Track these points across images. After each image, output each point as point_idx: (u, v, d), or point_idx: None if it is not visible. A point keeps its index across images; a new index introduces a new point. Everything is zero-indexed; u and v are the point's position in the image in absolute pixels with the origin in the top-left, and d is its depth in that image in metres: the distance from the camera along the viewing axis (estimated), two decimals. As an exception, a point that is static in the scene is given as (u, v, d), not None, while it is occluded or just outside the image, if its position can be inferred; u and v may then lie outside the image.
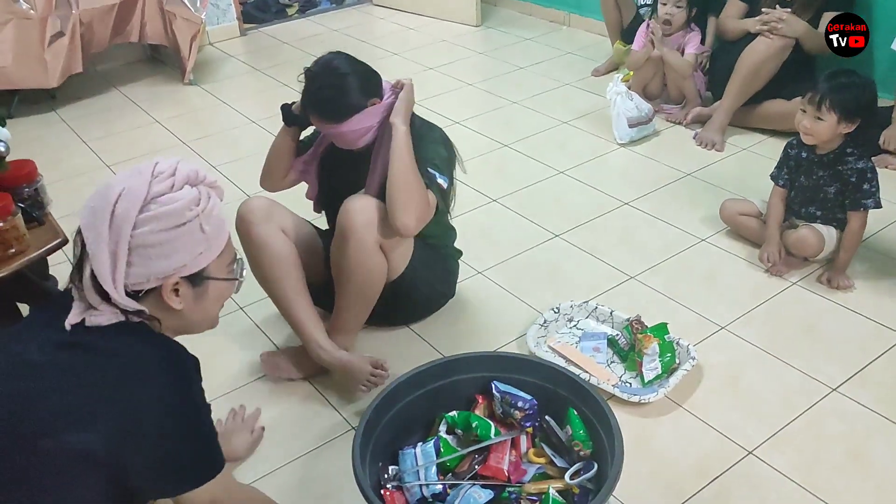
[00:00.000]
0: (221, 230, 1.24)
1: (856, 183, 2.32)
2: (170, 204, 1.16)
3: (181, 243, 1.17)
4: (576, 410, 1.69)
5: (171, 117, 3.83)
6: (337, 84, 1.88)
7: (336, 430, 1.95)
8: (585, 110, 3.66)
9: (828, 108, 2.25)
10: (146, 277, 1.17)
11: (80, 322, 1.16)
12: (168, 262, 1.17)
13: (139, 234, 1.14)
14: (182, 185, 1.19)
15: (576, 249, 2.64)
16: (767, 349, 2.15)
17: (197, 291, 1.24)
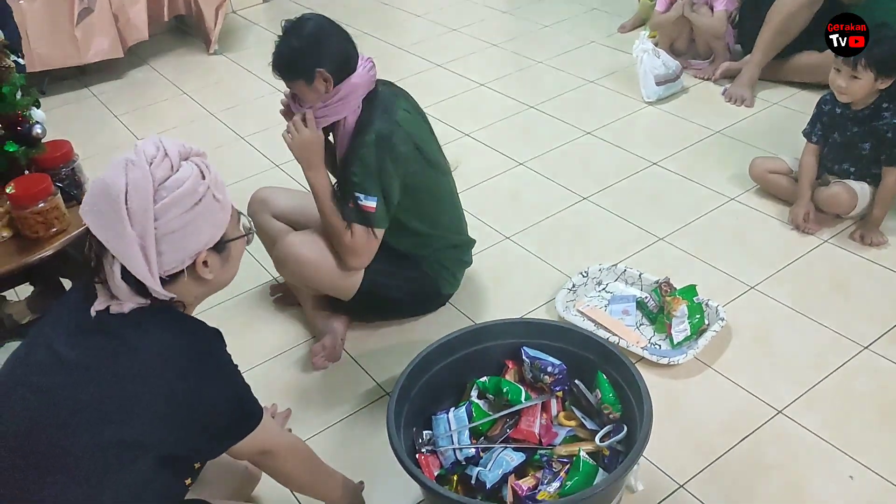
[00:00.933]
0: (227, 191, 1.26)
1: (892, 139, 2.28)
2: (180, 186, 1.16)
3: (203, 219, 1.19)
4: (605, 374, 1.72)
5: (198, 88, 3.87)
6: (293, 43, 1.85)
7: (370, 397, 2.00)
8: (612, 68, 3.61)
9: (864, 67, 2.21)
10: (180, 261, 1.19)
11: (104, 309, 1.18)
12: (196, 240, 1.19)
13: (162, 223, 1.15)
14: (179, 162, 1.19)
15: (604, 211, 2.64)
16: (798, 308, 2.15)
17: (223, 257, 1.27)
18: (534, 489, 1.58)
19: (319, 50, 1.84)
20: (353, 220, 1.91)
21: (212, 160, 1.81)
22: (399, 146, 1.90)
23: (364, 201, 1.89)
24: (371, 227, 1.92)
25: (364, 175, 1.88)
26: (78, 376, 1.14)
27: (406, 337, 2.17)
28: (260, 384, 2.06)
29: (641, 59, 3.25)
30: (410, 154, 1.93)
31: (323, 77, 1.85)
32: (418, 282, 2.12)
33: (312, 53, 1.84)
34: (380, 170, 1.88)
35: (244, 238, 1.32)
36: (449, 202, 2.14)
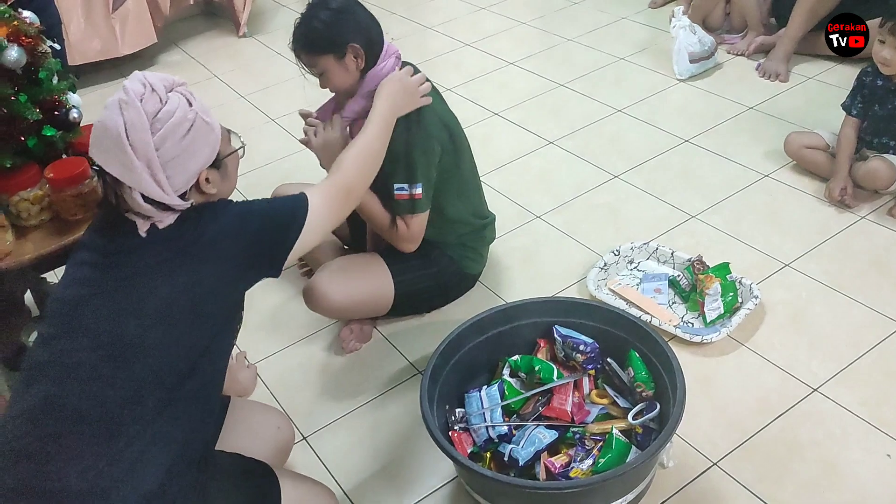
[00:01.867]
0: (213, 114, 1.36)
1: None
2: (171, 116, 1.27)
3: (199, 141, 1.31)
4: (637, 352, 1.72)
5: (228, 71, 3.89)
6: (321, 16, 1.81)
7: (403, 376, 2.02)
8: (643, 44, 3.57)
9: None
10: (186, 181, 1.31)
11: (152, 227, 1.30)
12: (195, 161, 1.31)
13: (163, 151, 1.26)
14: (166, 95, 1.29)
15: (635, 190, 2.62)
16: (834, 285, 2.12)
17: (221, 173, 1.39)
18: (566, 466, 1.59)
19: (350, 22, 1.82)
20: (405, 211, 1.92)
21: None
22: (434, 130, 1.89)
23: (411, 190, 1.89)
24: (420, 212, 1.93)
25: (407, 165, 1.87)
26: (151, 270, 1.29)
27: (437, 317, 2.18)
28: (293, 363, 2.10)
29: (678, 35, 3.19)
30: (444, 138, 1.93)
31: (354, 52, 1.82)
32: (446, 269, 2.11)
33: (344, 26, 1.80)
34: (419, 156, 1.88)
35: (237, 153, 1.46)
36: (473, 182, 2.14)
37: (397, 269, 2.04)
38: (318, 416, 1.94)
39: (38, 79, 1.84)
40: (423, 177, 1.89)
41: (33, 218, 1.87)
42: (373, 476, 1.78)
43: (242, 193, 2.83)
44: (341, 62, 1.83)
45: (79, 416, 1.20)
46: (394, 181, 1.89)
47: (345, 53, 1.82)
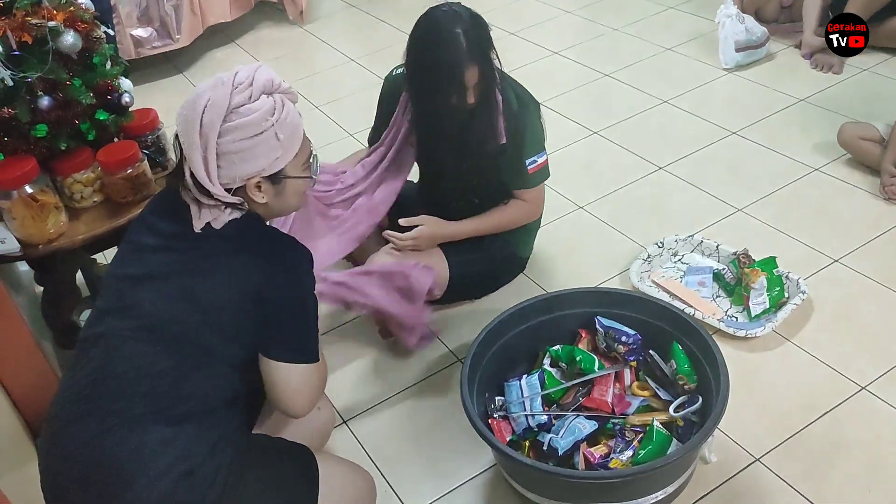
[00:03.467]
0: (295, 135, 1.35)
1: None
2: (248, 115, 1.28)
3: (259, 150, 1.30)
4: (680, 344, 1.70)
5: (274, 59, 3.93)
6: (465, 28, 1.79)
7: (443, 362, 2.03)
8: (691, 35, 3.51)
9: None
10: (233, 178, 1.31)
11: (207, 224, 1.32)
12: (249, 166, 1.30)
13: (223, 142, 1.27)
14: (259, 94, 1.29)
15: (680, 182, 2.58)
16: (885, 282, 2.07)
17: (277, 188, 1.37)
18: (606, 457, 1.58)
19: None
20: (538, 182, 2.02)
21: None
22: (535, 102, 1.99)
23: (539, 159, 1.98)
24: (545, 179, 2.03)
25: (531, 136, 1.95)
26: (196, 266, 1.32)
27: (478, 305, 2.18)
28: (334, 348, 2.12)
29: (724, 24, 3.14)
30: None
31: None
32: (500, 251, 2.13)
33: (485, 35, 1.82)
34: (536, 124, 1.97)
35: (306, 180, 1.42)
36: None
37: (453, 251, 2.05)
38: (358, 401, 1.96)
39: (93, 64, 1.88)
40: (545, 143, 2.00)
41: (86, 200, 1.92)
42: (412, 462, 1.79)
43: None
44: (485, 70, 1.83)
45: (126, 391, 1.25)
46: (525, 157, 1.96)
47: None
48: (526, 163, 1.97)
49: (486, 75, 1.82)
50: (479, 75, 1.80)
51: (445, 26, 1.77)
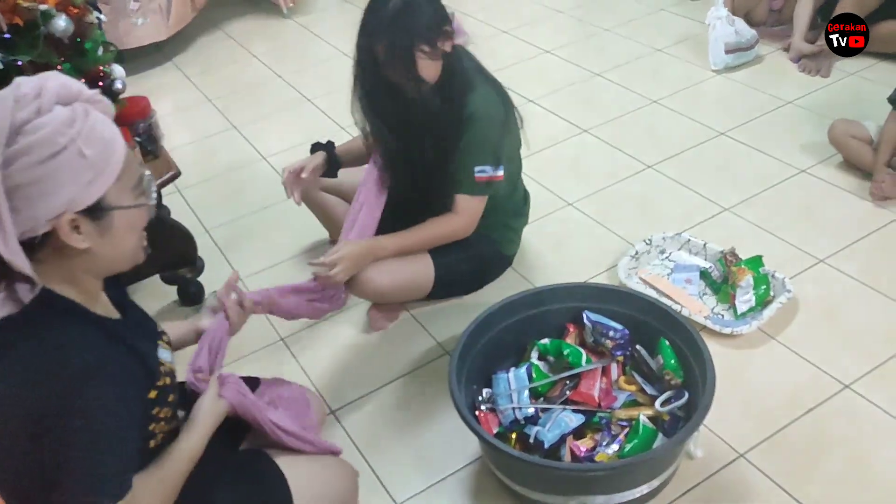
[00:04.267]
0: (109, 150, 1.04)
1: None
2: (37, 132, 0.98)
3: (63, 175, 0.99)
4: (667, 340, 1.71)
5: (266, 51, 3.92)
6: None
7: (432, 354, 2.04)
8: (681, 36, 3.53)
9: None
10: (35, 222, 0.99)
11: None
12: (54, 200, 0.99)
13: (11, 172, 0.97)
14: (51, 106, 1.00)
15: (668, 180, 2.60)
16: (869, 283, 2.09)
17: (101, 225, 1.05)
18: (592, 450, 1.59)
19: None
20: (480, 193, 1.93)
21: (277, 122, 1.83)
22: (503, 109, 1.92)
23: (492, 172, 1.90)
24: (487, 195, 1.95)
25: (488, 146, 1.88)
26: None
27: (467, 299, 2.19)
28: (322, 340, 2.12)
29: (714, 25, 3.16)
30: (509, 113, 1.96)
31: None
32: (485, 250, 2.13)
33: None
34: (498, 137, 1.90)
35: (139, 209, 1.10)
36: (518, 157, 2.14)
37: (438, 251, 2.05)
38: (346, 392, 1.96)
39: (84, 49, 1.87)
40: (503, 157, 1.91)
41: (75, 186, 1.91)
42: (399, 453, 1.80)
43: (277, 171, 2.86)
44: (434, 53, 1.79)
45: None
46: (476, 162, 1.88)
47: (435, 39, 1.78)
48: (475, 168, 1.89)
49: (403, 57, 1.76)
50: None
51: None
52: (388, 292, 2.02)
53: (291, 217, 2.61)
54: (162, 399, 1.18)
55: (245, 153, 3.05)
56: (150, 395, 1.15)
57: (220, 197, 2.80)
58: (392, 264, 1.99)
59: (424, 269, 2.04)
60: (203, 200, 2.79)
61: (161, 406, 1.18)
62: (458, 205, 1.94)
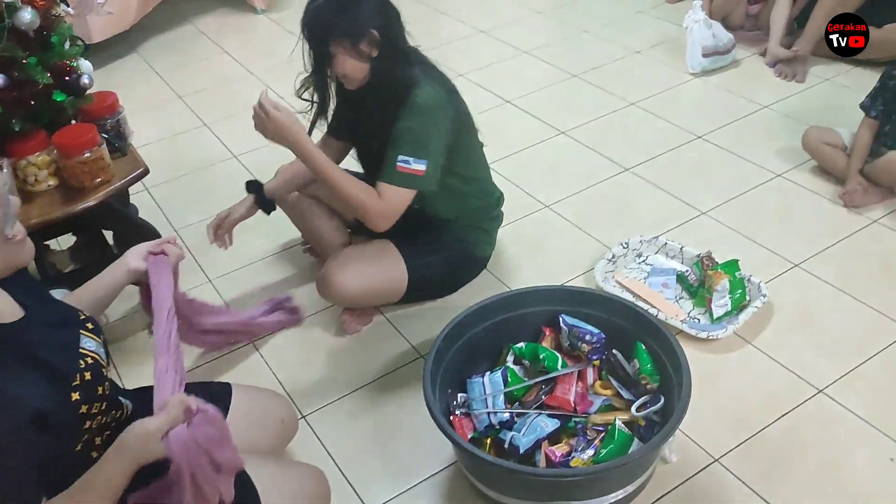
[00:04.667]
0: None
1: None
2: None
3: None
4: (643, 345, 1.70)
5: (239, 47, 3.87)
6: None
7: (406, 358, 2.01)
8: (659, 39, 3.54)
9: None
10: None
11: None
12: None
13: None
14: None
15: (646, 183, 2.59)
16: (843, 288, 2.10)
17: None
18: (567, 456, 1.57)
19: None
20: (398, 182, 1.82)
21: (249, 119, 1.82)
22: (448, 108, 1.85)
23: (413, 165, 1.80)
24: (419, 189, 1.85)
25: (415, 138, 1.80)
26: None
27: (442, 301, 2.16)
28: (294, 343, 2.08)
29: (691, 28, 3.17)
30: (454, 115, 1.89)
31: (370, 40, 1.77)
32: (458, 252, 2.10)
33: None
34: (430, 132, 1.82)
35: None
36: (480, 159, 2.10)
37: (410, 254, 2.02)
38: (318, 396, 1.92)
39: (50, 42, 1.82)
40: (428, 154, 1.82)
41: (40, 183, 1.86)
42: (371, 458, 1.77)
43: (253, 175, 2.82)
44: (358, 48, 1.76)
45: None
46: (399, 152, 1.81)
47: (361, 37, 1.75)
48: (398, 157, 1.80)
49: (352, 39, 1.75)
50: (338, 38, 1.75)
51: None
52: (360, 297, 1.99)
53: (263, 218, 2.56)
54: (88, 396, 1.12)
55: (216, 151, 3.00)
56: (74, 398, 1.09)
57: (190, 196, 2.75)
58: (364, 268, 1.96)
59: (397, 272, 2.01)
60: (172, 199, 2.73)
61: (89, 403, 1.12)
62: (379, 191, 1.83)
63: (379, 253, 2.02)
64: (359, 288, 1.95)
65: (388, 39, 1.79)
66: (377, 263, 1.99)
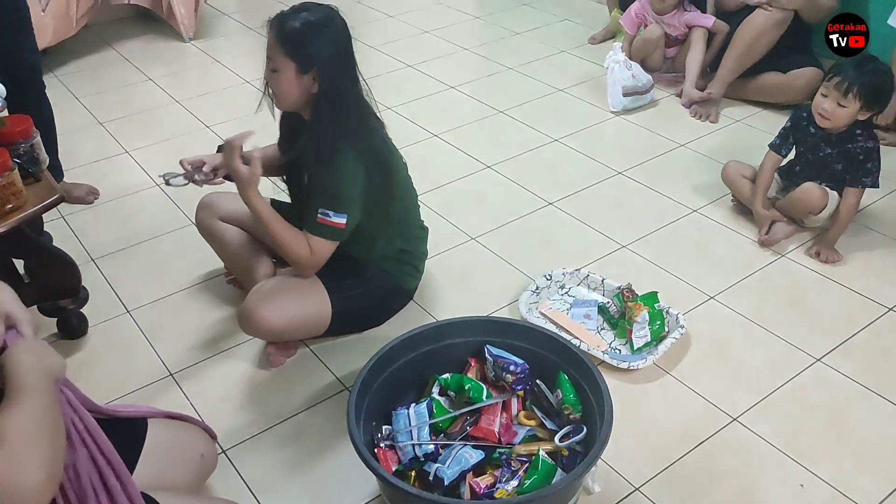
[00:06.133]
0: None
1: (862, 161, 2.35)
2: None
3: None
4: (566, 374, 1.73)
5: (165, 75, 3.80)
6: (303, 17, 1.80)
7: (330, 390, 1.98)
8: (581, 78, 3.65)
9: (854, 96, 2.26)
10: None
11: None
12: None
13: None
14: None
15: (569, 217, 2.66)
16: (755, 319, 2.19)
17: None
18: (491, 487, 1.58)
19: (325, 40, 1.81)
20: (320, 234, 1.88)
21: (175, 148, 1.78)
22: (370, 164, 1.88)
23: (333, 218, 1.86)
24: (340, 240, 1.91)
25: (335, 193, 1.85)
26: None
27: (367, 333, 2.15)
28: (215, 375, 2.03)
29: (612, 69, 3.29)
30: (378, 170, 1.90)
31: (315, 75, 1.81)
32: (383, 285, 2.10)
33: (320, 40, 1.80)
34: (350, 188, 1.86)
35: None
36: (406, 197, 2.11)
37: (334, 287, 2.00)
38: (239, 430, 1.87)
39: (-39, 64, 1.75)
40: (347, 208, 1.86)
41: (-55, 209, 1.77)
42: (293, 492, 1.73)
43: (176, 204, 2.76)
44: (299, 76, 1.80)
45: None
46: (319, 205, 1.86)
47: (309, 70, 1.79)
48: (318, 210, 1.85)
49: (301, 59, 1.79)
50: (283, 55, 1.80)
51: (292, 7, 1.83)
52: (283, 330, 1.96)
53: (185, 246, 2.51)
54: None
55: (137, 179, 2.92)
56: None
57: (108, 224, 2.67)
58: (286, 302, 1.94)
59: (321, 305, 1.99)
60: (89, 227, 2.64)
61: None
62: (307, 238, 1.89)
63: (302, 286, 1.99)
64: (282, 322, 1.93)
65: (330, 84, 1.81)
66: (300, 297, 1.97)
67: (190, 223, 2.64)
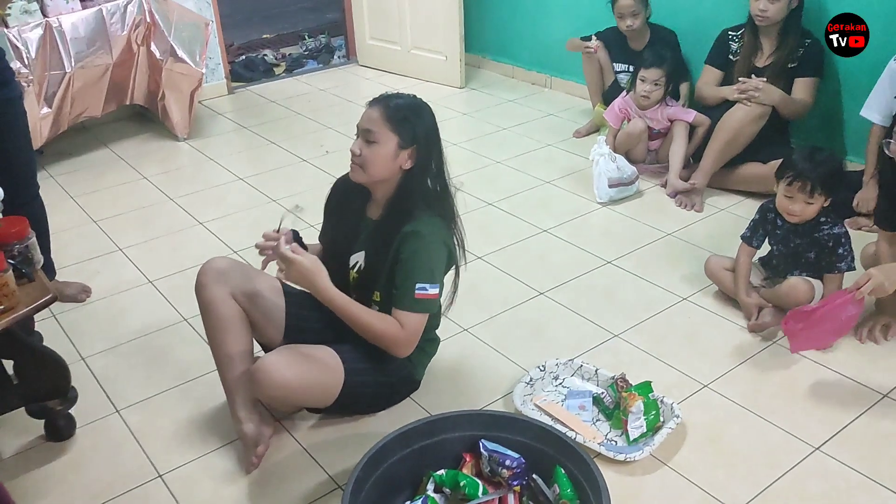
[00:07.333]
0: None
1: (832, 247, 2.40)
2: None
3: None
4: (563, 468, 1.70)
5: (159, 174, 3.87)
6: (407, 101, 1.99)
7: (323, 489, 1.94)
8: (568, 170, 3.74)
9: (819, 193, 2.34)
10: None
11: None
12: None
13: None
14: None
15: (560, 307, 2.67)
16: (750, 407, 2.17)
17: None
18: (490, 589, 1.53)
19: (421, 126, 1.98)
20: (419, 309, 1.94)
21: (167, 245, 1.80)
22: (449, 241, 2.03)
23: (430, 290, 1.94)
24: (431, 312, 1.99)
25: (430, 266, 1.95)
26: None
27: (360, 428, 2.12)
28: (203, 476, 1.99)
29: (597, 161, 3.38)
30: (451, 248, 2.05)
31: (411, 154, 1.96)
32: (399, 370, 2.12)
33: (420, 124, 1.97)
34: (439, 260, 1.99)
35: None
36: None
37: (350, 358, 2.01)
38: (228, 533, 1.82)
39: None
40: (439, 279, 1.99)
41: (-63, 310, 1.77)
42: None
43: (169, 301, 2.76)
44: (398, 151, 1.93)
45: None
46: (417, 280, 1.93)
47: (409, 145, 1.94)
48: (416, 285, 1.93)
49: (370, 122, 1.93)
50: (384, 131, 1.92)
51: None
52: (293, 388, 1.91)
53: (176, 345, 2.50)
54: None
55: (130, 276, 2.94)
56: None
57: (100, 322, 2.66)
58: (302, 363, 1.93)
59: (334, 373, 1.98)
60: (80, 326, 2.63)
61: None
62: (399, 319, 1.95)
63: (319, 352, 2.00)
64: (292, 378, 1.89)
65: (426, 161, 1.99)
66: (316, 361, 1.97)
67: (182, 319, 2.64)
